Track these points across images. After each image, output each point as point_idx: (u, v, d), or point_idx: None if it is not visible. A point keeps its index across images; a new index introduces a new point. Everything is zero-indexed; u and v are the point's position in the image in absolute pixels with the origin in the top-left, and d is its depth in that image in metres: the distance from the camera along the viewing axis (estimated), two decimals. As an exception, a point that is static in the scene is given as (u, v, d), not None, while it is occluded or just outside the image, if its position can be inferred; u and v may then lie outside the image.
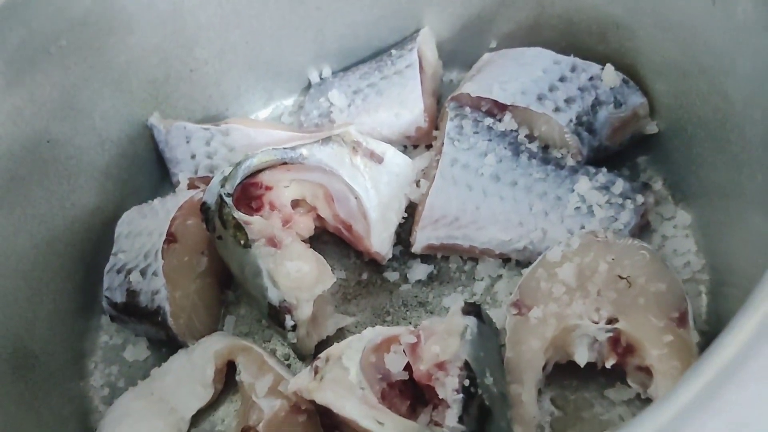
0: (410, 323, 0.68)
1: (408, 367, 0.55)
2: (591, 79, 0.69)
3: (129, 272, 0.68)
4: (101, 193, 0.77)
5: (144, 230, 0.71)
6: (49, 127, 0.71)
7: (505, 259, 0.69)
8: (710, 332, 0.59)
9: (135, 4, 0.74)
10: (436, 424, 0.52)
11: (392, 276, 0.71)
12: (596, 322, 0.57)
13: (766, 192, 0.52)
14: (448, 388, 0.51)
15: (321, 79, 0.85)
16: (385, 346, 0.56)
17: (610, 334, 0.56)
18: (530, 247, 0.66)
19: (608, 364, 0.57)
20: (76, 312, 0.73)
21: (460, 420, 0.49)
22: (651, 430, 0.31)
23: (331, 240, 0.73)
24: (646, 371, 0.55)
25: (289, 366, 0.67)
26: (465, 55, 0.81)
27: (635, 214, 0.65)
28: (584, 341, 0.57)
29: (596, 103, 0.68)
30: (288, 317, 0.61)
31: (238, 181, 0.66)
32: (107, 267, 0.71)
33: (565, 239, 0.62)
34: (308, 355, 0.65)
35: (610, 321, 0.57)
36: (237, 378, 0.64)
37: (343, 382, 0.53)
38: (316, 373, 0.55)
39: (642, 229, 0.66)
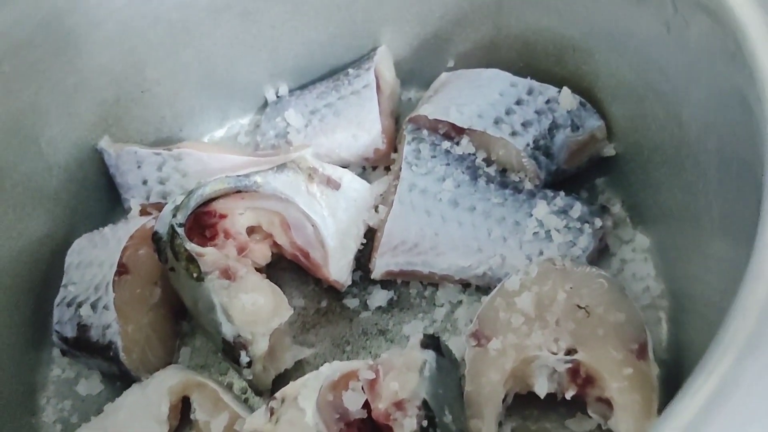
0: (370, 353, 0.67)
1: (366, 405, 0.54)
2: (548, 102, 0.68)
3: (79, 306, 0.66)
4: (50, 221, 0.74)
5: (95, 260, 0.69)
6: (-7, 154, 0.69)
7: (465, 285, 0.68)
8: (670, 361, 0.59)
9: (82, 25, 0.71)
10: (395, 465, 0.51)
11: (352, 303, 0.70)
12: (555, 353, 0.56)
13: (722, 219, 0.52)
14: (407, 430, 0.50)
15: (278, 97, 0.84)
16: (343, 382, 0.55)
17: (570, 365, 0.56)
18: (489, 273, 0.65)
19: (568, 395, 0.57)
20: (26, 345, 0.71)
21: (418, 462, 0.48)
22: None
23: (288, 267, 0.72)
24: (607, 403, 0.55)
25: (246, 400, 0.66)
26: (423, 74, 0.80)
27: (593, 238, 0.65)
28: (544, 372, 0.57)
29: (553, 127, 0.67)
30: (243, 353, 0.60)
31: (190, 210, 0.64)
32: (57, 299, 0.69)
33: (523, 267, 0.62)
34: (265, 390, 0.64)
35: (569, 352, 0.56)
36: (192, 416, 0.62)
37: (299, 424, 0.52)
38: (271, 414, 0.54)
39: (601, 253, 0.66)
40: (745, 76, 0.46)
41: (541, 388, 0.57)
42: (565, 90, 0.68)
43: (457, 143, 0.69)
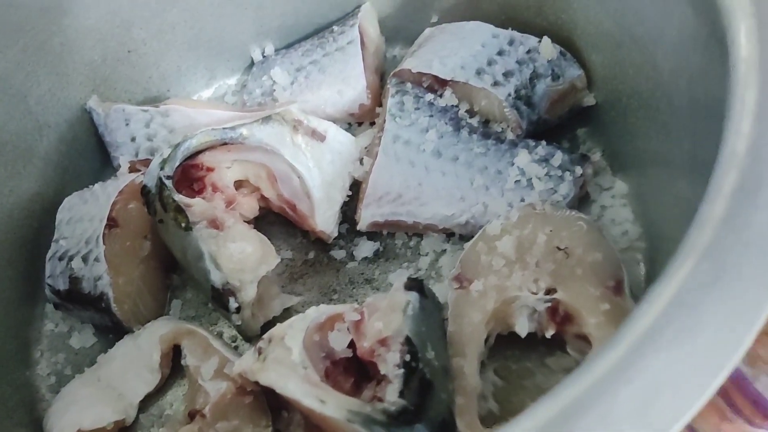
0: (356, 301, 0.68)
1: (352, 345, 0.55)
2: (529, 52, 0.69)
3: (71, 259, 0.68)
4: (41, 179, 0.75)
5: (85, 216, 0.70)
6: (-19, 114, 0.69)
7: (449, 234, 0.69)
8: (647, 298, 0.60)
9: (69, -17, 0.72)
10: (379, 399, 0.52)
11: (339, 254, 0.71)
12: (535, 293, 0.58)
13: (691, 158, 0.53)
14: (390, 364, 0.51)
15: (263, 56, 0.85)
16: (329, 324, 0.56)
17: (549, 305, 0.57)
18: (472, 221, 0.66)
19: (548, 334, 0.58)
20: (20, 300, 0.72)
21: (401, 395, 0.49)
22: (567, 400, 0.32)
23: (276, 220, 0.73)
24: (585, 339, 0.57)
25: (236, 348, 0.67)
26: (407, 31, 0.81)
27: (574, 186, 0.66)
28: (524, 312, 0.58)
29: (534, 77, 0.68)
30: (232, 299, 0.61)
31: (177, 162, 0.65)
32: (49, 254, 0.70)
33: (504, 212, 0.63)
34: (254, 336, 0.65)
35: (549, 291, 0.57)
36: (183, 362, 0.64)
37: (285, 362, 0.53)
38: (259, 354, 0.55)
39: (581, 200, 0.67)
40: (711, 18, 0.47)
41: (522, 327, 0.58)
42: (546, 40, 0.69)
43: (441, 95, 0.70)
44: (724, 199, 0.38)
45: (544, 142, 0.68)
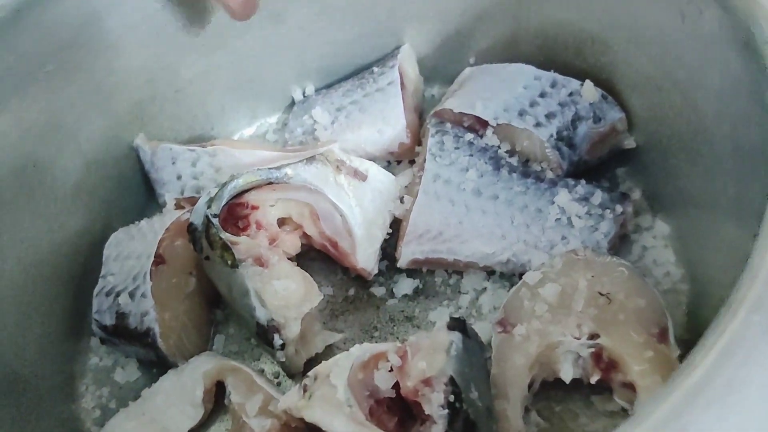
0: (397, 338, 0.68)
1: (396, 384, 0.55)
2: (571, 94, 0.70)
3: (118, 295, 0.69)
4: (88, 215, 0.77)
5: (132, 253, 0.72)
6: (35, 151, 0.71)
7: (490, 272, 0.70)
8: (690, 343, 0.60)
9: (119, 27, 0.74)
10: (423, 439, 0.53)
11: (379, 291, 0.72)
12: (578, 338, 0.58)
13: (737, 203, 0.54)
14: (434, 404, 0.51)
15: (304, 96, 0.86)
16: (373, 362, 0.57)
17: (593, 350, 0.57)
18: (513, 259, 0.67)
19: (593, 380, 0.58)
20: (66, 335, 0.73)
21: (446, 435, 0.50)
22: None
23: (317, 257, 0.74)
24: (631, 387, 0.56)
25: (279, 385, 0.68)
26: (445, 71, 0.82)
27: (614, 224, 0.66)
28: (568, 357, 0.58)
29: (576, 118, 0.69)
30: (276, 336, 0.62)
31: (224, 201, 0.67)
32: (96, 290, 0.71)
33: (547, 259, 0.63)
34: (297, 373, 0.66)
35: (592, 337, 0.57)
36: (226, 400, 0.64)
37: (331, 400, 0.53)
38: (305, 391, 0.56)
39: (622, 240, 0.68)
40: (756, 64, 0.48)
41: (567, 373, 0.58)
42: (588, 83, 0.70)
43: (481, 135, 0.71)
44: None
45: (583, 181, 0.69)
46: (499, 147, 0.71)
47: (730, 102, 0.53)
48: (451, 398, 0.51)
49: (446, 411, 0.51)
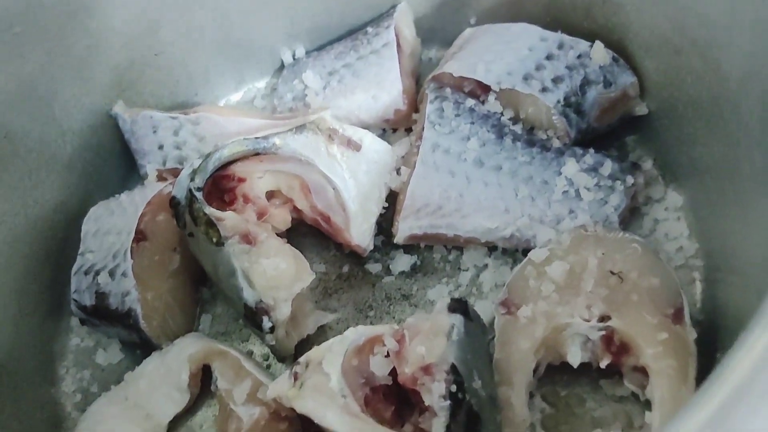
0: (394, 318, 0.65)
1: (392, 370, 0.52)
2: (579, 57, 0.66)
3: (97, 273, 0.65)
4: (65, 188, 0.73)
5: (112, 228, 0.68)
6: (7, 120, 0.67)
7: (491, 248, 0.66)
8: (705, 323, 0.57)
9: (93, -15, 0.70)
10: (422, 431, 0.49)
11: (374, 268, 0.68)
12: (588, 320, 0.54)
13: (765, 171, 0.49)
14: (435, 395, 0.48)
15: (294, 59, 0.82)
16: (368, 347, 0.54)
17: (603, 333, 0.54)
18: (517, 235, 0.63)
19: (603, 365, 0.55)
20: (44, 314, 0.70)
21: (448, 429, 0.47)
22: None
23: (309, 232, 0.70)
24: (643, 372, 0.53)
25: (268, 367, 0.65)
26: (444, 32, 0.78)
27: (625, 196, 0.62)
28: (577, 340, 0.55)
29: (585, 83, 0.65)
30: (265, 319, 0.58)
31: (208, 174, 0.63)
32: (74, 268, 0.68)
33: (553, 235, 0.60)
34: (288, 356, 0.63)
35: (603, 319, 0.54)
36: (213, 387, 0.61)
37: (323, 390, 0.50)
38: (295, 379, 0.52)
39: (632, 212, 0.64)
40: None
41: (574, 357, 0.55)
42: (598, 44, 0.65)
43: (483, 102, 0.67)
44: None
45: (592, 150, 0.65)
46: (502, 114, 0.67)
47: (761, 63, 0.48)
48: (453, 388, 0.48)
49: (448, 402, 0.48)
